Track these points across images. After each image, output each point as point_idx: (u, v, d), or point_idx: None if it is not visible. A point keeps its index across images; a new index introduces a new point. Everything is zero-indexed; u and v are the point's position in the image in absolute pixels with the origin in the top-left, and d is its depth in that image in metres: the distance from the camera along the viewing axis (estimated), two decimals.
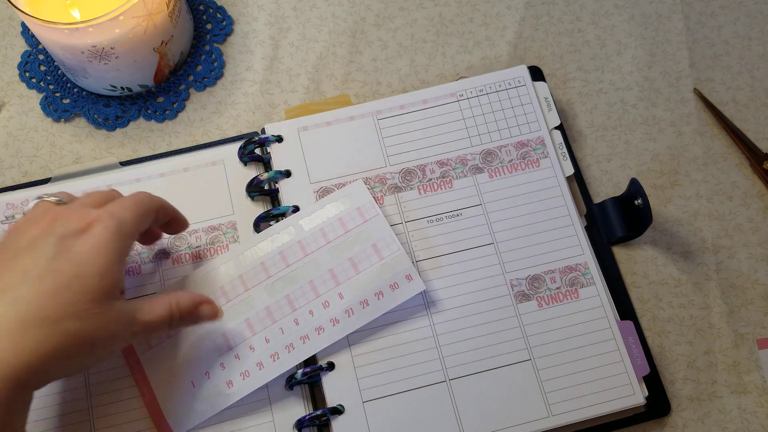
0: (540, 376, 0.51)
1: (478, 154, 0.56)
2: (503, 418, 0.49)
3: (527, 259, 0.54)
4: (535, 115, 0.58)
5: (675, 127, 0.61)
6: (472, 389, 0.50)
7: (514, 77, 0.59)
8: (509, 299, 0.52)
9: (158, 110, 0.61)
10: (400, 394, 0.50)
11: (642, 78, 0.62)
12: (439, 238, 0.54)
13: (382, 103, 0.58)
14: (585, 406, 0.50)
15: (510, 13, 0.64)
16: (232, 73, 0.63)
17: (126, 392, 0.50)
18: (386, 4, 0.65)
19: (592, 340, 0.51)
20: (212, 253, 0.54)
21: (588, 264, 0.54)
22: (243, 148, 0.56)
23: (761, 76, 0.62)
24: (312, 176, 0.55)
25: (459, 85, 0.58)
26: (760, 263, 0.56)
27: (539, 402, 0.50)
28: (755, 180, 0.59)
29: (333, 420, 0.49)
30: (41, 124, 0.61)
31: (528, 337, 0.51)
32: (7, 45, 0.64)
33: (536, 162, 0.56)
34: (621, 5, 0.64)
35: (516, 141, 0.57)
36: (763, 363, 0.54)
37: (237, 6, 0.65)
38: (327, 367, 0.50)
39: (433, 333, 0.51)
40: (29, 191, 0.56)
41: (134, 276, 0.53)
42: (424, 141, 0.57)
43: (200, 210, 0.55)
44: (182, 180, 0.56)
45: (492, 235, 0.54)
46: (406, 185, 0.55)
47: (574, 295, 0.53)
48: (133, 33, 0.55)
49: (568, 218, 0.55)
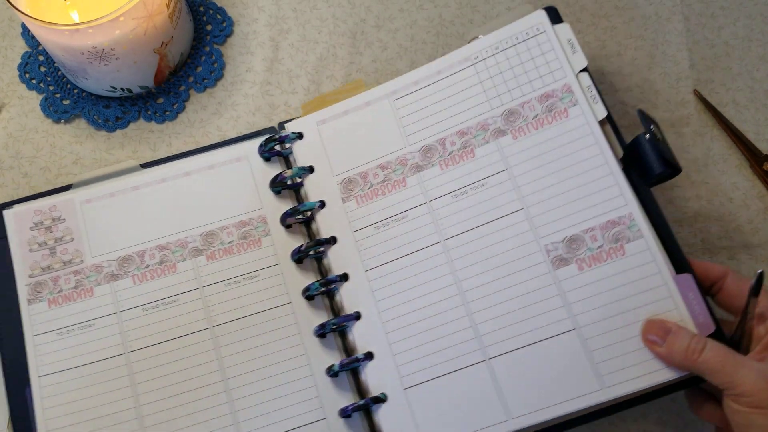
0: (588, 346, 0.47)
1: (499, 116, 0.53)
2: (551, 394, 0.46)
3: (562, 219, 0.50)
4: (558, 62, 0.53)
5: (675, 128, 0.61)
6: (514, 366, 0.48)
7: (532, 25, 0.54)
8: (545, 266, 0.49)
9: (158, 111, 0.61)
10: (441, 378, 0.48)
11: (641, 79, 0.62)
12: (466, 212, 0.51)
13: (396, 83, 0.56)
14: (642, 374, 0.46)
15: (510, 14, 0.64)
16: (232, 74, 0.63)
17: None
18: (386, 6, 0.65)
19: (645, 300, 0.47)
20: (245, 248, 0.54)
21: (633, 215, 0.49)
22: (264, 146, 0.56)
23: (761, 77, 0.62)
24: (335, 168, 0.55)
25: (473, 48, 0.55)
26: (760, 264, 0.56)
27: (589, 374, 0.46)
28: (755, 181, 0.59)
29: (377, 409, 0.49)
30: (41, 125, 0.61)
31: (570, 305, 0.48)
32: (8, 46, 0.64)
33: (564, 112, 0.52)
34: (621, 6, 0.64)
35: (539, 94, 0.53)
36: None
37: (237, 7, 0.65)
38: (365, 356, 0.50)
39: (467, 312, 0.49)
40: (54, 198, 0.55)
41: (170, 275, 0.53)
42: (442, 113, 0.54)
43: (229, 206, 0.55)
44: (208, 177, 0.56)
45: (521, 200, 0.51)
46: (427, 162, 0.53)
47: (619, 252, 0.48)
48: (133, 34, 0.55)
49: (605, 167, 0.50)
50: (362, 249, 0.52)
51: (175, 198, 0.55)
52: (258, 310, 0.52)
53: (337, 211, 0.54)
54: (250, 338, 0.52)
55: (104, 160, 0.60)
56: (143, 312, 0.52)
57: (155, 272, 0.53)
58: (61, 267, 0.53)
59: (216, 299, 0.53)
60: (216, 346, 0.51)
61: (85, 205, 0.55)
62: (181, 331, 0.52)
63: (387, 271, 0.52)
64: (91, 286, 0.53)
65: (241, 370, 0.51)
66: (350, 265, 0.52)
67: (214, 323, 0.52)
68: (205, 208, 0.55)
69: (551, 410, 0.46)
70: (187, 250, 0.54)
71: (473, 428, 0.47)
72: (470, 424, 0.47)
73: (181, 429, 0.50)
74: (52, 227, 0.54)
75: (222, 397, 0.50)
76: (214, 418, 0.50)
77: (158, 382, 0.51)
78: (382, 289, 0.51)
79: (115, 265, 0.53)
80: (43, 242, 0.54)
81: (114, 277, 0.53)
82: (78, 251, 0.54)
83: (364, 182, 0.54)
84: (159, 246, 0.54)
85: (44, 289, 0.53)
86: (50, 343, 0.51)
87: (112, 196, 0.55)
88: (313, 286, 0.52)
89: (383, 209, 0.53)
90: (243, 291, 0.53)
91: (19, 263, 0.53)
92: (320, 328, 0.51)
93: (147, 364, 0.51)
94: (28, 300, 0.52)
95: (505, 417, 0.47)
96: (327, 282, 0.52)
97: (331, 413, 0.50)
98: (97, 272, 0.53)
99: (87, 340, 0.52)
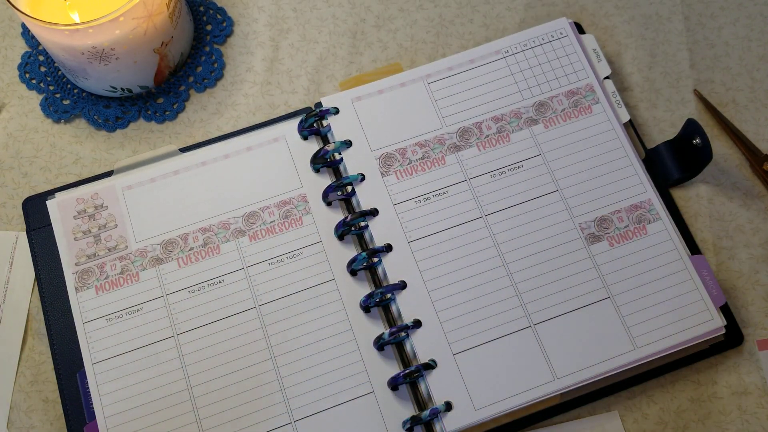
0: (621, 312, 0.52)
1: (531, 107, 0.58)
2: (591, 355, 0.51)
3: (592, 202, 0.55)
4: (581, 64, 0.59)
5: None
6: (557, 331, 0.52)
7: (555, 29, 0.60)
8: (581, 242, 0.54)
9: (158, 111, 0.61)
10: (489, 343, 0.51)
11: (642, 79, 0.62)
12: (505, 191, 0.55)
13: (431, 67, 0.59)
14: (668, 335, 0.51)
15: (510, 14, 0.64)
16: (232, 74, 0.63)
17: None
18: (386, 5, 0.65)
19: (666, 272, 0.53)
20: (287, 227, 0.55)
21: (652, 201, 0.55)
22: (303, 122, 0.57)
23: (761, 77, 0.62)
24: (372, 144, 0.57)
25: (503, 42, 0.60)
26: (760, 264, 0.56)
27: (623, 336, 0.51)
28: (755, 181, 0.59)
29: (427, 375, 0.50)
30: (41, 125, 0.61)
31: (604, 276, 0.53)
32: (8, 46, 0.64)
33: (588, 108, 0.58)
34: (621, 6, 0.64)
35: (566, 90, 0.59)
36: (763, 364, 0.54)
37: (237, 7, 0.65)
38: (413, 324, 0.51)
39: (511, 282, 0.53)
40: (95, 186, 0.56)
41: (214, 256, 0.54)
42: (476, 99, 0.58)
43: (269, 186, 0.56)
44: (247, 159, 0.57)
45: (555, 183, 0.56)
46: (465, 144, 0.57)
47: (642, 231, 0.54)
48: (133, 34, 0.55)
49: (626, 159, 0.56)
50: (404, 222, 0.55)
51: (216, 180, 0.56)
52: (302, 287, 0.53)
53: (377, 184, 0.56)
54: (295, 315, 0.53)
55: (105, 160, 0.60)
56: (189, 294, 0.53)
57: (199, 254, 0.54)
58: (106, 254, 0.54)
59: (261, 279, 0.54)
60: (263, 324, 0.52)
61: (127, 191, 0.56)
62: (227, 311, 0.53)
63: (430, 242, 0.54)
64: (136, 271, 0.54)
65: (289, 348, 0.52)
66: (393, 236, 0.54)
67: (259, 302, 0.53)
68: (245, 190, 0.56)
69: (593, 369, 0.51)
70: (230, 232, 0.55)
71: (522, 389, 0.50)
72: (519, 386, 0.50)
73: (232, 408, 0.50)
74: (95, 215, 0.55)
75: (271, 375, 0.51)
76: (265, 396, 0.51)
77: (208, 362, 0.52)
78: (427, 260, 0.54)
79: (160, 249, 0.54)
80: (87, 230, 0.55)
81: (159, 261, 0.54)
82: (122, 237, 0.55)
83: (403, 158, 0.56)
84: (202, 228, 0.55)
85: (91, 277, 0.54)
86: (101, 329, 0.52)
87: (153, 181, 0.56)
88: (360, 257, 0.53)
89: (424, 184, 0.56)
90: (287, 269, 0.54)
91: (65, 252, 0.54)
92: (367, 299, 0.52)
93: (196, 345, 0.52)
94: (76, 288, 0.53)
95: (552, 377, 0.50)
96: (373, 252, 0.53)
97: (378, 386, 0.51)
98: (142, 257, 0.54)
99: (136, 324, 0.52)
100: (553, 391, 0.50)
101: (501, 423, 0.51)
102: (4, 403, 0.53)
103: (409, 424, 0.49)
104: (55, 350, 0.53)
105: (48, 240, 0.55)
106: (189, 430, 0.50)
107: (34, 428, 0.53)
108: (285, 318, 0.53)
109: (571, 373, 0.50)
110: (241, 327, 0.52)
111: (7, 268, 0.56)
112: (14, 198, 0.59)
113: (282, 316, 0.53)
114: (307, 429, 0.50)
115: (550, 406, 0.52)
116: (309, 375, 0.51)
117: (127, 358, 0.52)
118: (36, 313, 0.56)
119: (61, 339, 0.53)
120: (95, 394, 0.51)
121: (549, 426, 0.52)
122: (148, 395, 0.51)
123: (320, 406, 0.51)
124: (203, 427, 0.50)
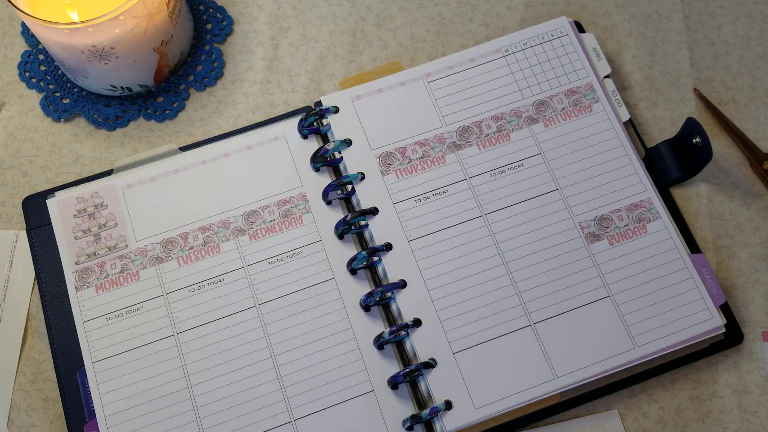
0: (621, 311, 0.52)
1: (531, 106, 0.58)
2: (591, 354, 0.51)
3: (592, 201, 0.55)
4: (581, 63, 0.59)
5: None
6: (557, 330, 0.52)
7: (555, 28, 0.61)
8: (581, 241, 0.54)
9: (158, 110, 0.61)
10: (489, 342, 0.51)
11: (642, 77, 0.62)
12: (505, 190, 0.56)
13: (430, 66, 0.59)
14: (668, 334, 0.51)
15: (510, 13, 0.64)
16: (232, 73, 0.63)
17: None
18: (386, 4, 0.65)
19: (666, 271, 0.53)
20: (287, 225, 0.55)
21: (652, 199, 0.55)
22: (303, 120, 0.57)
23: (761, 76, 0.62)
24: (372, 143, 0.57)
25: (503, 41, 0.60)
26: (760, 263, 0.56)
27: (623, 335, 0.52)
28: (755, 180, 0.59)
29: (427, 374, 0.51)
30: (41, 124, 0.61)
31: (604, 275, 0.53)
32: (7, 45, 0.64)
33: (588, 107, 0.58)
34: (621, 5, 0.64)
35: (566, 89, 0.59)
36: (767, 355, 0.54)
37: (237, 6, 0.65)
38: (413, 323, 0.51)
39: (511, 281, 0.53)
40: (95, 185, 0.56)
41: (214, 255, 0.54)
42: (476, 98, 0.58)
43: (269, 185, 0.56)
44: (247, 158, 0.57)
45: (555, 181, 0.56)
46: (465, 142, 0.57)
47: (642, 230, 0.54)
48: (133, 33, 0.55)
49: (626, 158, 0.57)
50: (404, 221, 0.55)
51: (216, 179, 0.56)
52: (302, 286, 0.53)
53: (377, 183, 0.56)
54: (296, 314, 0.53)
55: (104, 159, 0.60)
56: (189, 293, 0.53)
57: (199, 253, 0.54)
58: (106, 252, 0.54)
59: (261, 277, 0.54)
60: (262, 323, 0.52)
61: (127, 190, 0.56)
62: (227, 310, 0.53)
63: (430, 241, 0.54)
64: (136, 269, 0.54)
65: (289, 347, 0.52)
66: (393, 235, 0.54)
67: (260, 301, 0.53)
68: (245, 188, 0.56)
69: (593, 368, 0.51)
70: (229, 231, 0.55)
71: (522, 388, 0.50)
72: (519, 384, 0.50)
73: (232, 406, 0.51)
74: (95, 214, 0.55)
75: (271, 374, 0.51)
76: (265, 395, 0.51)
77: (208, 361, 0.52)
78: (426, 259, 0.54)
79: (160, 248, 0.54)
80: (87, 229, 0.55)
81: (159, 259, 0.54)
82: (122, 236, 0.55)
83: (403, 157, 0.56)
84: (202, 227, 0.55)
85: (91, 276, 0.54)
86: (101, 328, 0.52)
87: (153, 180, 0.56)
88: (360, 256, 0.53)
89: (424, 183, 0.56)
90: (287, 268, 0.54)
91: (65, 251, 0.54)
92: (367, 298, 0.52)
93: (196, 344, 0.52)
94: (76, 287, 0.53)
95: (551, 376, 0.51)
96: (373, 251, 0.53)
97: (378, 385, 0.51)
98: (142, 256, 0.54)
99: (136, 323, 0.53)
100: (552, 389, 0.50)
101: (501, 422, 0.51)
102: (4, 402, 0.53)
103: (409, 423, 0.49)
104: (55, 349, 0.53)
105: (48, 239, 0.55)
106: (189, 428, 0.50)
107: (34, 427, 0.53)
108: (285, 317, 0.53)
109: (571, 372, 0.51)
110: (241, 326, 0.52)
111: (7, 267, 0.57)
112: (14, 197, 0.59)
113: (282, 315, 0.53)
114: (307, 428, 0.50)
115: (549, 405, 0.52)
116: (309, 374, 0.51)
117: (127, 357, 0.52)
118: (36, 312, 0.56)
119: (61, 338, 0.53)
120: (95, 392, 0.51)
121: (549, 425, 0.52)
122: (148, 394, 0.51)
123: (320, 405, 0.51)
124: (203, 426, 0.50)
